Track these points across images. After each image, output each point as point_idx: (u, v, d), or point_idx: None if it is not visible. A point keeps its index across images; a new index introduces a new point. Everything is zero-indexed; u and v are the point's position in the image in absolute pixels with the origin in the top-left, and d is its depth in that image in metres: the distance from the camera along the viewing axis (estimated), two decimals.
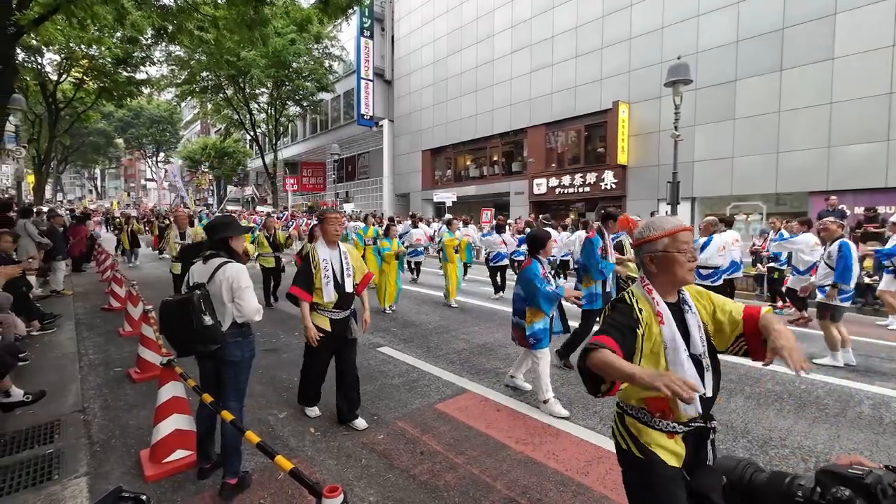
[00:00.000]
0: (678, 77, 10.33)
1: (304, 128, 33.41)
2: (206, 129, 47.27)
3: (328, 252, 3.46)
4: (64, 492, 2.69)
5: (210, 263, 2.73)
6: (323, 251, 3.44)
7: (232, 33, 10.85)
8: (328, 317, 3.41)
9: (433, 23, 23.25)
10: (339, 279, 3.42)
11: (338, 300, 3.39)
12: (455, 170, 23.10)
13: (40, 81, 19.67)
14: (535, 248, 3.97)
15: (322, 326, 3.37)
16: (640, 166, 15.05)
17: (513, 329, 4.11)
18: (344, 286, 3.42)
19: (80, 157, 43.99)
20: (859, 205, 10.47)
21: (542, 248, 3.96)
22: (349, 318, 3.53)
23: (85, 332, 6.30)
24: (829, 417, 3.72)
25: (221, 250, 2.78)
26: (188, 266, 2.90)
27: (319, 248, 3.44)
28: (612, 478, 2.84)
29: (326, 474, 2.88)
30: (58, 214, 10.01)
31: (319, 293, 3.35)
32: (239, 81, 24.98)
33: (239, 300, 2.69)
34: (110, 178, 76.78)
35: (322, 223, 3.51)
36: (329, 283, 3.36)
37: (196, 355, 2.73)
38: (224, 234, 2.78)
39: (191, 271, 2.81)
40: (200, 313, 2.52)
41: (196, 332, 2.51)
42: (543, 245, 3.97)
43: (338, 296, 3.38)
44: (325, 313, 3.41)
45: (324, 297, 3.34)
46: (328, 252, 3.46)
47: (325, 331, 3.37)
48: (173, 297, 2.67)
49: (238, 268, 2.75)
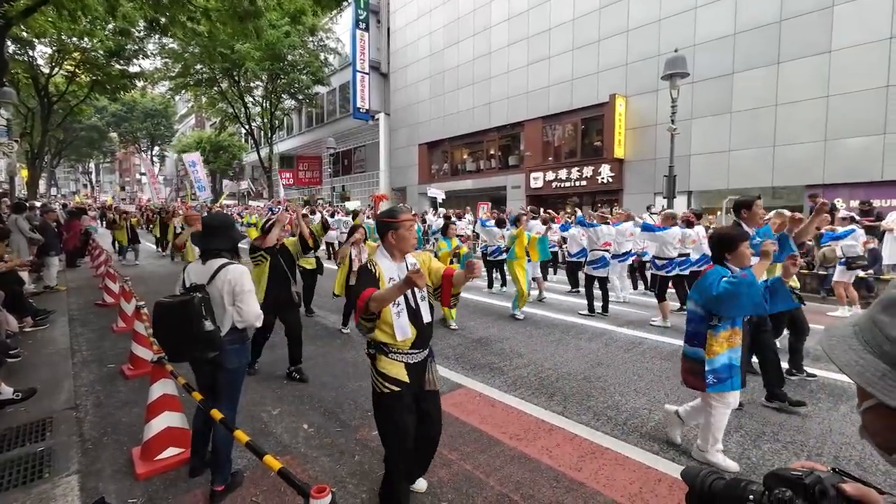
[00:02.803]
0: (675, 70, 10.32)
1: (300, 121, 33.20)
2: (202, 123, 46.92)
3: (395, 268, 2.35)
4: (55, 490, 2.67)
5: (210, 264, 2.61)
6: (388, 266, 2.33)
7: (225, 25, 10.73)
8: (403, 361, 2.30)
9: (429, 15, 23.03)
10: (412, 305, 2.33)
11: (416, 336, 2.31)
12: (452, 164, 23.01)
13: (32, 74, 19.45)
14: (723, 251, 2.94)
15: (397, 377, 2.27)
16: (636, 160, 15.02)
17: (683, 363, 3.05)
18: (420, 315, 2.35)
19: (74, 152, 43.67)
20: (855, 198, 10.49)
21: (731, 251, 2.91)
22: (428, 361, 2.45)
23: (78, 328, 6.26)
24: (821, 412, 3.74)
25: (224, 250, 2.67)
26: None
27: (382, 260, 2.35)
28: (605, 473, 2.84)
29: (319, 471, 2.87)
30: (51, 210, 9.92)
31: (387, 329, 2.26)
32: (233, 74, 24.79)
33: (241, 304, 2.57)
34: (105, 172, 76.24)
35: (389, 229, 2.33)
36: (402, 314, 2.27)
37: (184, 361, 2.61)
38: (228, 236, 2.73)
39: (186, 271, 2.67)
40: (201, 318, 2.39)
41: (195, 338, 2.38)
42: (734, 247, 2.90)
43: (415, 330, 2.30)
44: (400, 356, 2.29)
45: (396, 335, 2.24)
46: (395, 268, 2.35)
47: (402, 382, 2.27)
48: (170, 299, 2.47)
49: (241, 269, 2.63)
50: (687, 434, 3.27)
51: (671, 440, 3.22)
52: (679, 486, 2.72)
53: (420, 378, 2.37)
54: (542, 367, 4.79)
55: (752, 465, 2.95)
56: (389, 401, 2.27)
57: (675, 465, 2.94)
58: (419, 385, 2.37)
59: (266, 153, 27.52)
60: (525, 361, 4.99)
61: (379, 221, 2.38)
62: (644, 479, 2.80)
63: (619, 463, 2.97)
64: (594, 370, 4.71)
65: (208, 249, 2.66)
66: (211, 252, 2.65)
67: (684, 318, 3.23)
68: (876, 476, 2.83)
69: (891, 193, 10.13)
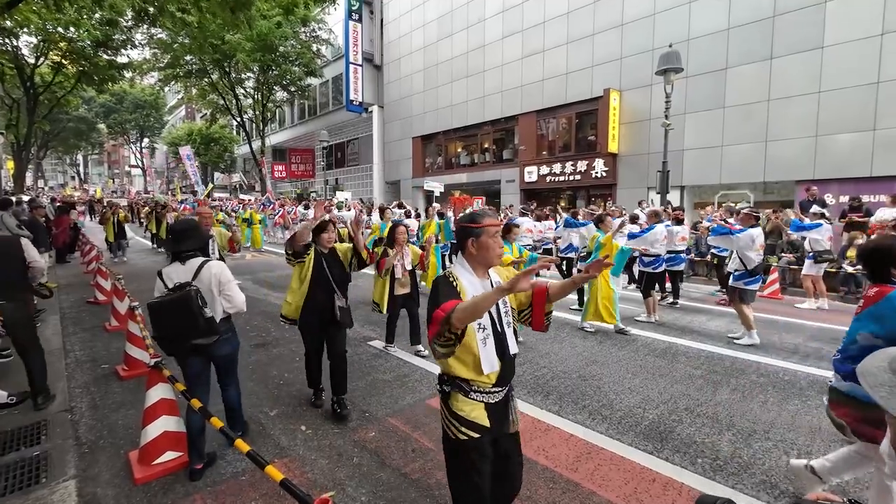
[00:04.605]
0: (669, 65, 10.34)
1: (292, 113, 32.84)
2: (192, 115, 46.28)
3: (479, 285, 1.90)
4: (52, 496, 2.67)
5: (190, 263, 2.88)
6: (470, 282, 1.89)
7: (215, 16, 10.55)
8: (484, 401, 1.87)
9: (423, 6, 22.79)
10: (499, 328, 1.91)
11: (501, 369, 1.88)
12: (446, 157, 22.92)
13: (17, 65, 19.03)
14: (886, 266, 2.37)
15: (476, 420, 1.84)
16: (630, 154, 15.06)
17: (845, 406, 2.34)
18: (507, 343, 1.92)
19: (62, 143, 42.95)
20: (844, 194, 10.61)
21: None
22: (509, 398, 2.02)
23: (70, 326, 6.21)
24: (810, 409, 3.81)
25: (197, 250, 2.97)
26: None
27: (462, 274, 1.91)
28: (600, 474, 2.89)
29: (318, 473, 2.89)
30: (39, 206, 9.75)
31: (469, 360, 1.83)
32: (224, 65, 24.44)
33: (228, 292, 2.92)
34: (93, 164, 75.09)
35: (469, 236, 1.91)
36: (488, 340, 1.84)
37: (181, 353, 2.83)
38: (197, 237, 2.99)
39: (165, 273, 2.86)
40: (201, 307, 2.71)
41: (198, 326, 2.68)
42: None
43: (501, 363, 1.88)
44: (481, 396, 1.86)
45: (482, 368, 1.82)
46: (479, 285, 1.90)
47: (483, 428, 1.84)
48: (167, 296, 2.73)
49: (221, 264, 2.98)
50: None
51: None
52: (673, 485, 2.77)
53: (502, 421, 1.94)
54: (538, 366, 4.83)
55: (743, 464, 3.01)
56: (466, 450, 1.84)
57: (670, 464, 3.00)
58: (500, 429, 1.93)
59: (258, 146, 27.22)
60: (520, 360, 5.02)
61: (458, 227, 2.00)
62: (639, 478, 2.85)
63: (615, 463, 3.02)
64: (588, 368, 4.76)
65: (182, 251, 2.89)
66: (186, 253, 2.90)
67: (673, 312, 3.27)
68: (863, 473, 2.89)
69: (880, 189, 10.25)
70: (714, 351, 5.32)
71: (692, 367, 4.79)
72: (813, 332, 6.22)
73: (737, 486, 2.78)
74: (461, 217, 2.07)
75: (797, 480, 2.67)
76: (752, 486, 2.78)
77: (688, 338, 5.85)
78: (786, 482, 2.81)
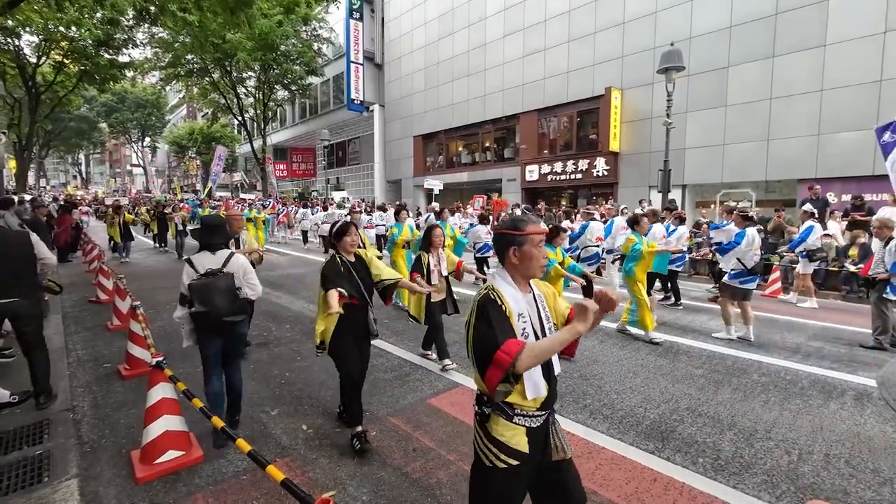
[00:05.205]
0: (671, 64, 10.31)
1: (294, 112, 32.86)
2: (193, 114, 46.32)
3: (522, 300, 1.72)
4: (54, 495, 2.67)
5: (219, 254, 3.27)
6: (513, 296, 1.70)
7: (216, 15, 10.55)
8: (526, 426, 1.67)
9: (424, 5, 22.77)
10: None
11: (548, 393, 1.72)
12: (447, 156, 22.91)
13: (18, 64, 19.05)
14: None
15: (516, 447, 1.64)
16: (631, 153, 15.04)
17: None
18: (552, 365, 1.77)
19: (63, 143, 43.03)
20: (847, 192, 10.58)
21: None
22: (550, 422, 1.79)
23: (72, 326, 6.22)
24: (812, 409, 3.81)
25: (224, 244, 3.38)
26: None
27: (505, 288, 1.70)
28: (601, 473, 2.89)
29: (319, 473, 2.89)
30: (41, 205, 9.77)
31: (516, 387, 1.64)
32: (225, 65, 24.43)
33: (252, 281, 3.37)
34: (95, 163, 75.20)
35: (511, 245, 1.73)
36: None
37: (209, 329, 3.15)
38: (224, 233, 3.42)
39: (196, 260, 3.18)
40: (239, 287, 3.22)
41: (236, 303, 3.14)
42: None
43: (547, 386, 1.71)
44: (524, 420, 1.67)
45: (526, 393, 1.64)
46: (522, 300, 1.72)
47: (521, 454, 1.64)
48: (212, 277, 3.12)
49: (243, 257, 3.44)
50: (687, 434, 3.31)
51: None
52: (674, 485, 2.77)
53: (542, 447, 1.73)
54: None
55: (745, 464, 3.01)
56: (502, 480, 1.65)
57: (671, 464, 3.00)
58: (540, 456, 1.72)
59: (259, 145, 27.23)
60: None
61: (497, 235, 1.80)
62: (640, 478, 2.84)
63: (616, 462, 3.02)
64: (589, 368, 4.76)
65: (214, 243, 3.28)
66: (216, 245, 3.29)
67: (674, 312, 3.26)
68: (865, 473, 2.89)
69: (882, 188, 10.20)
70: (715, 350, 5.32)
71: (693, 367, 4.79)
72: (815, 331, 6.22)
73: (738, 486, 2.78)
74: (501, 223, 1.86)
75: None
76: (754, 485, 2.78)
77: (689, 337, 5.84)
78: (787, 482, 2.81)
